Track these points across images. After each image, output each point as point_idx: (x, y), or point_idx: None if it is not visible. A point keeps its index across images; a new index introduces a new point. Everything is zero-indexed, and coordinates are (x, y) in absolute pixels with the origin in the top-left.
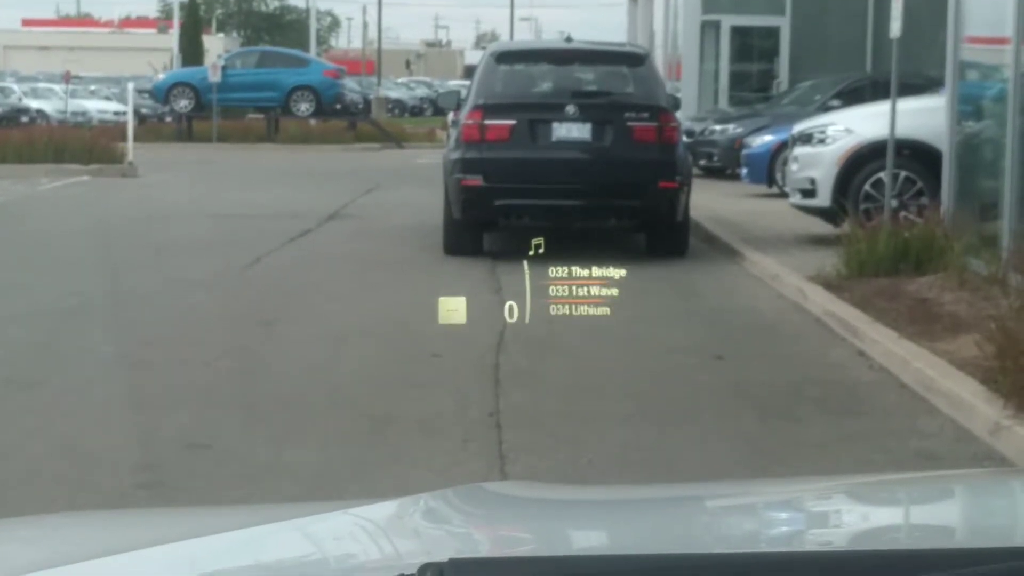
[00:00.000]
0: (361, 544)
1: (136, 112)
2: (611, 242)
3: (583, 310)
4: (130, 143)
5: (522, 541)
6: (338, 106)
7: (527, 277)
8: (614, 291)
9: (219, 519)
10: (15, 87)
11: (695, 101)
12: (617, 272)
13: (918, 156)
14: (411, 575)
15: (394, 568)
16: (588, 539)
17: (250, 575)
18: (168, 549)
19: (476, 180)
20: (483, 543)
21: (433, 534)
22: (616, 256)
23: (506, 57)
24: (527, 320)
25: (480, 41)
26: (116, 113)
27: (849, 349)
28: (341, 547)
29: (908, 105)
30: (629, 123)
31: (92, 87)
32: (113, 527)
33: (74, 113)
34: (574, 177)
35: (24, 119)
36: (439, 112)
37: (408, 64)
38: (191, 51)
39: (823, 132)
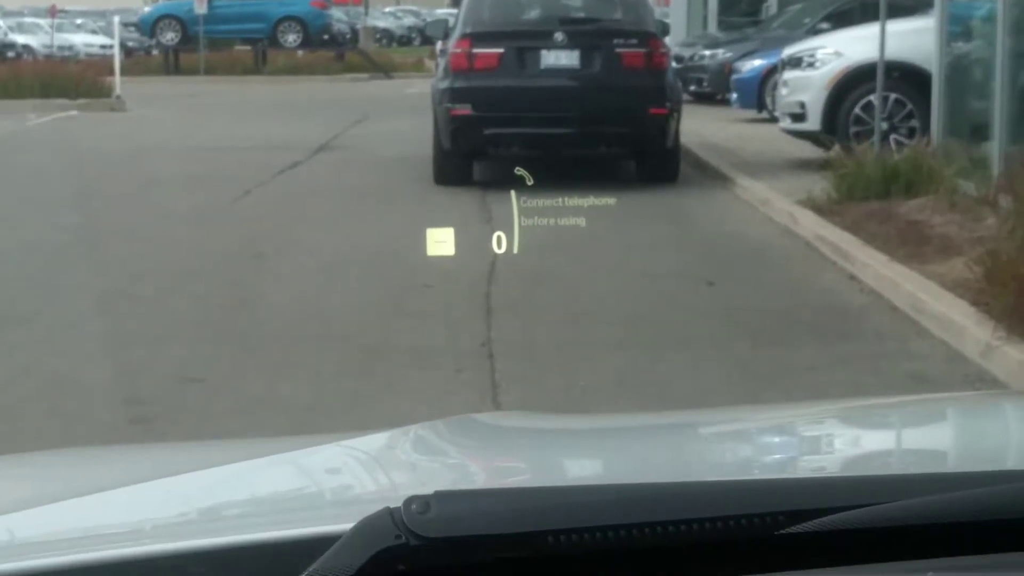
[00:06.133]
0: (354, 476)
1: (123, 45)
2: (601, 169)
3: (573, 237)
4: (117, 77)
5: (514, 471)
6: (326, 37)
7: (515, 207)
8: (605, 219)
9: (212, 453)
10: (0, 22)
11: (684, 26)
12: (607, 200)
13: (908, 78)
14: (397, 507)
15: (385, 500)
16: (581, 469)
17: (244, 508)
18: (161, 484)
19: (465, 109)
20: (476, 474)
21: (425, 465)
22: (607, 183)
23: None
24: (515, 250)
25: None
26: (103, 47)
27: (840, 273)
28: (333, 479)
29: (898, 27)
30: (618, 50)
31: (78, 21)
32: (105, 463)
33: (60, 47)
34: (563, 105)
35: (10, 54)
36: (427, 41)
37: None
38: None
39: (812, 56)
